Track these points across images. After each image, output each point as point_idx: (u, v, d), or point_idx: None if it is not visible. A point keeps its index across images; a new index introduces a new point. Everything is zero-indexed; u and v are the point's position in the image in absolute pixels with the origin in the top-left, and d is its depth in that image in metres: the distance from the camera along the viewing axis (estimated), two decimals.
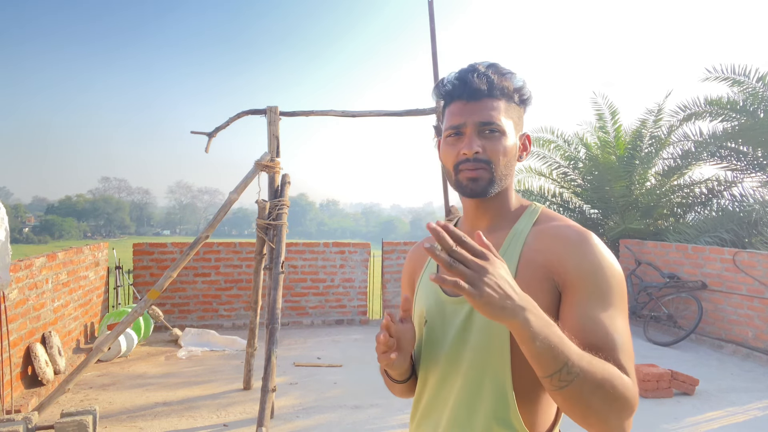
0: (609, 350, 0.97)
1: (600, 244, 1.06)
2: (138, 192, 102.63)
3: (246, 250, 7.57)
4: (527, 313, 0.87)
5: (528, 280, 1.05)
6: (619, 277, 1.04)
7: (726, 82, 8.89)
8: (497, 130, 1.10)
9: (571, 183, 10.56)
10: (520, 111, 1.17)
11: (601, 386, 0.90)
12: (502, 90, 1.12)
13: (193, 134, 4.88)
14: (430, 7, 4.81)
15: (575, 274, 1.02)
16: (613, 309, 1.01)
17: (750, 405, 4.71)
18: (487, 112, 1.10)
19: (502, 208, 1.18)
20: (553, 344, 0.88)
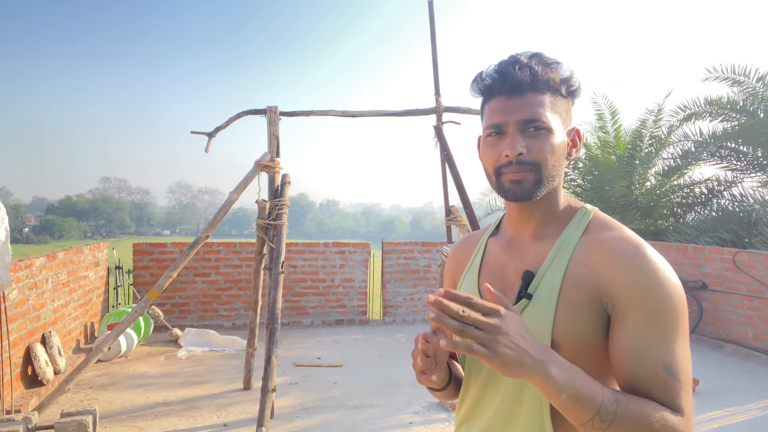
0: (656, 387, 0.91)
1: (657, 258, 0.95)
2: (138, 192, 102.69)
3: (246, 250, 7.57)
4: (548, 367, 0.83)
5: (573, 299, 0.97)
6: (678, 297, 0.93)
7: (726, 82, 8.88)
8: (543, 127, 1.00)
9: (571, 183, 10.57)
10: (568, 104, 1.06)
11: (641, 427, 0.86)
12: (547, 83, 1.02)
13: (193, 134, 4.88)
14: (430, 6, 4.81)
15: (627, 295, 0.93)
16: (668, 338, 0.92)
17: (750, 405, 4.70)
18: (531, 108, 1.00)
19: (548, 212, 1.08)
20: (581, 394, 0.84)
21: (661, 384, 0.90)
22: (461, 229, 4.70)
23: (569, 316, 0.97)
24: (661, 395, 0.90)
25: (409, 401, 4.70)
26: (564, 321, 0.97)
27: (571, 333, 0.96)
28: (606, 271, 0.96)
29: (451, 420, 4.32)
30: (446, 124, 4.73)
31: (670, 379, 0.90)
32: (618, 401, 0.86)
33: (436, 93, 4.74)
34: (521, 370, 0.81)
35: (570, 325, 0.96)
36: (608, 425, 0.85)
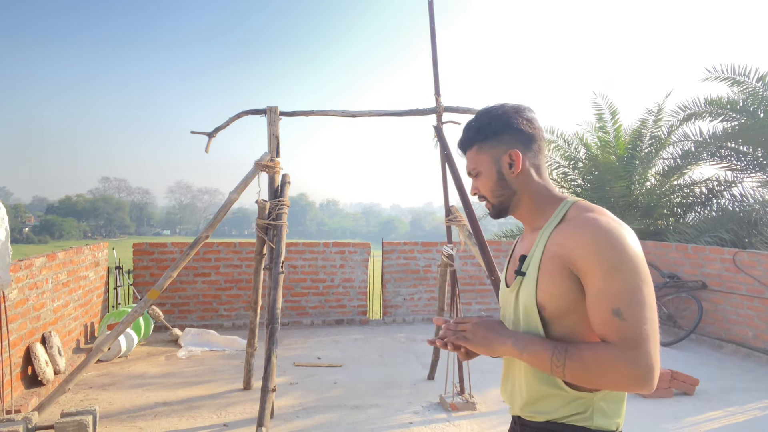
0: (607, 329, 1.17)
1: (610, 228, 1.21)
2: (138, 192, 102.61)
3: (246, 250, 7.57)
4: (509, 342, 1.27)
5: (550, 271, 1.27)
6: (628, 257, 1.18)
7: (726, 82, 8.88)
8: (476, 172, 1.45)
9: (571, 183, 10.56)
10: (492, 143, 1.41)
11: (589, 368, 1.16)
12: (470, 141, 1.45)
13: (193, 134, 4.88)
14: (430, 7, 4.80)
15: (585, 260, 1.20)
16: (619, 288, 1.16)
17: (750, 405, 4.71)
18: (468, 163, 1.47)
19: (533, 210, 1.41)
20: (536, 352, 1.23)
21: (610, 325, 1.16)
22: (461, 229, 4.70)
23: (547, 283, 1.27)
24: (612, 335, 1.16)
25: (409, 401, 4.70)
26: (544, 288, 1.28)
27: (550, 296, 1.27)
28: (570, 245, 1.24)
29: (452, 420, 4.33)
30: (446, 124, 4.73)
31: (618, 320, 1.15)
32: (567, 350, 1.19)
33: (436, 93, 4.74)
34: (492, 350, 1.30)
35: (548, 290, 1.27)
36: (563, 365, 1.18)
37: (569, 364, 1.18)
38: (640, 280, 1.17)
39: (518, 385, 1.38)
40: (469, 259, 8.17)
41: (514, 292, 1.37)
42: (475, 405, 4.54)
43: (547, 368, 1.21)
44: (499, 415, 4.44)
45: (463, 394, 4.64)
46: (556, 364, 1.19)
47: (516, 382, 1.39)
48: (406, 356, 6.12)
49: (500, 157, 1.40)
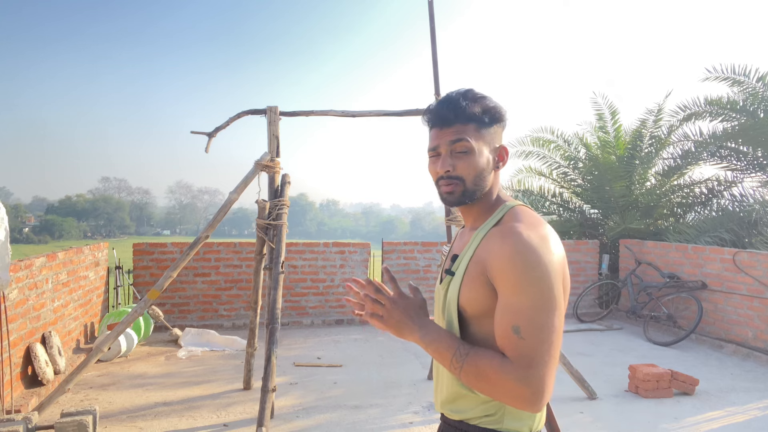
0: (504, 344, 1.18)
1: (525, 242, 1.19)
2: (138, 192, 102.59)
3: (246, 250, 7.58)
4: (419, 332, 1.27)
5: (472, 275, 1.28)
6: (539, 274, 1.17)
7: (726, 82, 8.88)
8: (467, 149, 1.31)
9: (571, 183, 10.56)
10: (494, 129, 1.35)
11: (481, 376, 1.18)
12: (470, 116, 1.32)
13: (193, 134, 4.88)
14: (430, 7, 4.80)
15: (496, 271, 1.21)
16: (522, 305, 1.16)
17: (750, 405, 4.71)
18: (456, 135, 1.32)
19: (482, 209, 1.39)
20: (440, 348, 1.24)
21: (508, 340, 1.17)
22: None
23: (468, 287, 1.28)
24: (509, 351, 1.17)
25: (409, 401, 4.70)
26: (465, 291, 1.29)
27: (470, 299, 1.28)
28: (491, 253, 1.24)
29: None
30: None
31: (516, 337, 1.16)
32: (468, 354, 1.21)
33: (436, 93, 4.75)
34: (403, 334, 1.28)
35: (469, 293, 1.28)
36: (461, 367, 1.21)
37: (466, 368, 1.20)
38: (547, 301, 1.16)
39: (440, 383, 1.41)
40: None
41: (443, 290, 1.38)
42: None
43: (447, 366, 1.25)
44: None
45: None
46: (455, 365, 1.22)
47: (439, 380, 1.42)
48: (406, 356, 6.12)
49: (496, 148, 1.37)
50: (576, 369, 4.79)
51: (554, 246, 1.23)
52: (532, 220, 1.28)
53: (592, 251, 8.74)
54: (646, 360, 5.99)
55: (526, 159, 10.72)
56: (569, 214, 10.53)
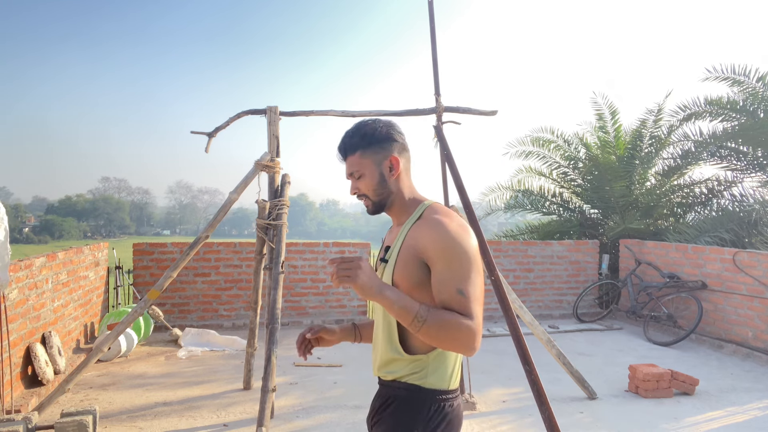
0: (453, 303, 1.47)
1: (452, 228, 1.53)
2: (138, 192, 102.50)
3: (246, 250, 7.57)
4: (385, 291, 1.45)
5: (404, 258, 1.58)
6: (464, 251, 1.51)
7: (726, 82, 8.89)
8: (359, 174, 1.69)
9: (571, 183, 10.56)
10: (375, 149, 1.67)
11: (443, 327, 1.43)
12: (353, 146, 1.68)
13: (193, 134, 4.88)
14: (430, 7, 4.80)
15: (432, 252, 1.52)
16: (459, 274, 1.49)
17: (750, 405, 4.71)
18: (350, 167, 1.70)
19: (401, 210, 1.71)
20: (405, 306, 1.45)
21: (456, 302, 1.48)
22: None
23: (401, 268, 1.58)
24: (457, 308, 1.47)
25: None
26: (398, 271, 1.59)
27: (402, 277, 1.57)
28: (422, 239, 1.55)
29: None
30: (446, 124, 4.72)
31: (462, 297, 1.48)
32: (429, 311, 1.45)
33: (436, 93, 4.74)
34: (371, 292, 1.44)
35: (402, 272, 1.58)
36: (422, 324, 1.44)
37: (430, 321, 1.44)
38: (473, 269, 1.51)
39: (377, 352, 1.71)
40: None
41: (380, 274, 1.67)
42: (475, 405, 4.53)
43: (409, 321, 1.45)
44: (499, 415, 4.44)
45: (462, 394, 4.63)
46: (419, 319, 1.44)
47: (376, 349, 1.72)
48: None
49: (382, 162, 1.67)
50: (576, 369, 4.79)
51: (470, 231, 1.57)
52: (448, 212, 1.61)
53: (592, 251, 8.74)
54: (646, 360, 5.99)
55: (526, 159, 10.72)
56: (569, 214, 10.53)
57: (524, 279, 8.47)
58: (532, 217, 11.40)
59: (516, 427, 4.24)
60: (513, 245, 8.53)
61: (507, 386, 5.16)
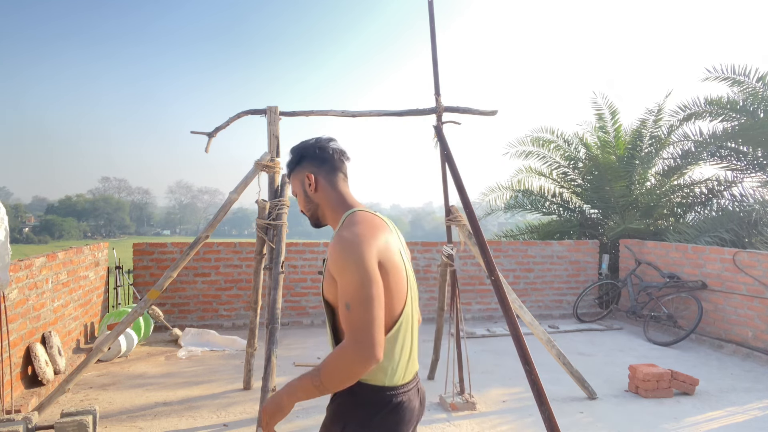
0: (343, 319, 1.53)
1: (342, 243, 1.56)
2: (138, 192, 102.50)
3: (246, 250, 7.57)
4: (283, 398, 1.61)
5: (327, 273, 1.63)
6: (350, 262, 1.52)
7: (726, 82, 8.89)
8: (295, 194, 1.88)
9: (571, 183, 10.56)
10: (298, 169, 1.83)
11: (333, 372, 1.49)
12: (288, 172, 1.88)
13: (193, 134, 4.88)
14: (430, 7, 4.80)
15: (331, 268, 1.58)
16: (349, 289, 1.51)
17: (750, 405, 4.70)
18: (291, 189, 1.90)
19: (333, 221, 1.80)
20: (301, 386, 1.56)
21: (344, 317, 1.52)
22: (461, 229, 4.69)
23: (327, 284, 1.64)
24: (345, 324, 1.52)
25: None
26: (326, 287, 1.66)
27: (329, 292, 1.64)
28: (328, 254, 1.62)
29: (452, 420, 4.33)
30: (446, 124, 4.72)
31: (347, 312, 1.50)
32: (318, 370, 1.52)
33: (436, 93, 4.74)
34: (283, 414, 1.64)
35: (328, 288, 1.65)
36: (321, 384, 1.52)
37: (323, 376, 1.51)
38: (364, 279, 1.50)
39: None
40: (469, 259, 8.17)
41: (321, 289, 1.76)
42: (475, 405, 4.54)
43: (315, 392, 1.54)
44: (499, 415, 4.44)
45: (462, 394, 4.63)
46: (316, 384, 1.52)
47: None
48: None
49: (303, 180, 1.82)
50: (576, 369, 4.79)
51: (365, 237, 1.57)
52: (352, 221, 1.66)
53: (592, 251, 8.74)
54: (646, 360, 5.99)
55: (526, 159, 10.72)
56: (569, 214, 10.53)
57: (524, 279, 8.47)
58: (532, 217, 11.40)
59: (516, 427, 4.24)
60: (513, 245, 8.53)
61: (507, 386, 5.16)
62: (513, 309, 3.80)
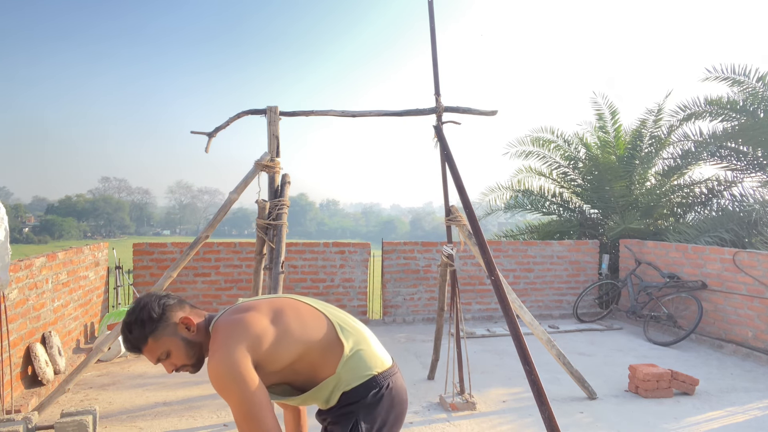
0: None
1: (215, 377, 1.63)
2: (138, 192, 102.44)
3: (246, 250, 7.58)
4: None
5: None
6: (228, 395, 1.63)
7: (726, 82, 8.89)
8: (165, 355, 1.79)
9: (571, 183, 10.56)
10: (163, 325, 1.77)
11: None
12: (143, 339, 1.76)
13: (193, 134, 4.88)
14: (430, 7, 4.80)
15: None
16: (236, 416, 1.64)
17: (750, 405, 4.71)
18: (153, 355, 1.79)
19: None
20: None
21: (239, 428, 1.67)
22: (461, 229, 4.70)
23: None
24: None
25: (409, 401, 4.70)
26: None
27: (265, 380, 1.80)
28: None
29: (452, 420, 4.33)
30: (446, 124, 4.73)
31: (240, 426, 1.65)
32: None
33: (436, 93, 4.74)
34: None
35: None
36: None
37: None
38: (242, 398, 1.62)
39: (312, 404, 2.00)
40: (469, 259, 8.17)
41: None
42: (475, 405, 4.54)
43: None
44: (499, 415, 4.45)
45: (463, 394, 4.64)
46: None
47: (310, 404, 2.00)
48: (406, 356, 6.12)
49: (176, 329, 1.79)
50: (576, 369, 4.79)
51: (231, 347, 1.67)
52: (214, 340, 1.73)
53: (592, 251, 8.74)
54: (646, 360, 5.99)
55: (526, 159, 10.73)
56: (569, 214, 10.53)
57: (524, 279, 8.47)
58: (532, 217, 11.40)
59: (516, 427, 4.24)
60: (513, 245, 8.53)
61: (507, 386, 5.16)
62: (513, 309, 3.80)
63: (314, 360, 1.84)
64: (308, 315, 1.89)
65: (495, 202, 11.16)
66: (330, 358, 1.85)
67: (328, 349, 1.85)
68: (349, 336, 1.90)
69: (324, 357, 1.84)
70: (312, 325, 1.86)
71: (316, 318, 1.89)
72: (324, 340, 1.85)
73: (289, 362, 1.80)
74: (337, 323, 1.91)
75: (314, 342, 1.83)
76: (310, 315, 1.89)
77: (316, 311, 1.93)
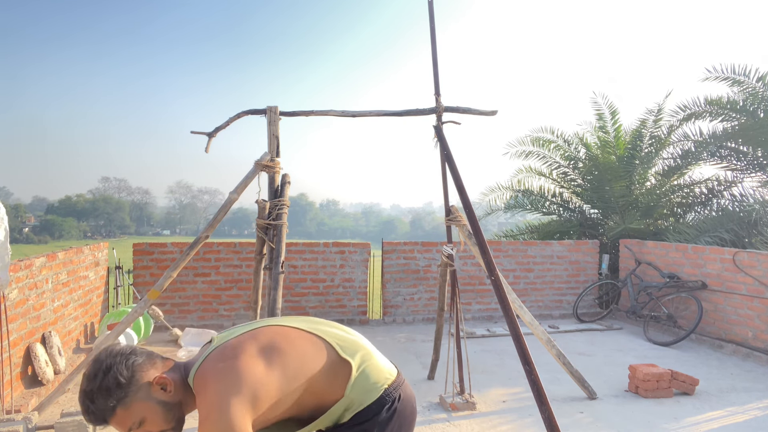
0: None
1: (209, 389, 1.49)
2: (138, 192, 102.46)
3: (246, 250, 7.57)
4: None
5: None
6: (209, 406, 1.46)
7: (726, 82, 8.89)
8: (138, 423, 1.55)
9: (571, 183, 10.56)
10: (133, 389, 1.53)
11: None
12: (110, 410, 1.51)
13: (193, 134, 4.88)
14: (430, 7, 4.80)
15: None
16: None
17: (750, 405, 4.71)
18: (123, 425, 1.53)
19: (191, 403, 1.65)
20: None
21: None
22: (461, 229, 4.70)
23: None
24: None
25: None
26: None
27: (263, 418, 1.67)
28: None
29: (452, 420, 4.33)
30: (446, 124, 4.73)
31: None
32: None
33: (436, 93, 4.74)
34: None
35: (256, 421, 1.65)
36: None
37: None
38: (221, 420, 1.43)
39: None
40: (469, 259, 8.17)
41: None
42: (475, 405, 4.54)
43: None
44: (499, 415, 4.45)
45: (463, 394, 4.64)
46: None
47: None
48: (406, 356, 6.12)
49: (150, 392, 1.56)
50: (576, 369, 4.79)
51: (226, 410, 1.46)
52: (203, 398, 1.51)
53: (592, 251, 8.74)
54: (646, 360, 5.99)
55: (526, 159, 10.73)
56: (569, 214, 10.53)
57: (524, 279, 8.47)
58: (532, 217, 11.40)
59: (516, 427, 4.24)
60: (513, 245, 8.53)
61: (507, 386, 5.16)
62: (513, 309, 3.80)
63: (320, 389, 1.71)
64: (302, 342, 1.72)
65: (495, 202, 11.16)
66: (336, 382, 1.73)
67: (333, 374, 1.72)
68: (352, 353, 1.78)
69: (330, 383, 1.72)
70: (310, 352, 1.71)
71: (312, 343, 1.74)
72: (327, 366, 1.71)
73: (294, 401, 1.66)
74: (335, 343, 1.78)
75: (317, 371, 1.68)
76: (304, 341, 1.73)
77: (309, 335, 1.76)
